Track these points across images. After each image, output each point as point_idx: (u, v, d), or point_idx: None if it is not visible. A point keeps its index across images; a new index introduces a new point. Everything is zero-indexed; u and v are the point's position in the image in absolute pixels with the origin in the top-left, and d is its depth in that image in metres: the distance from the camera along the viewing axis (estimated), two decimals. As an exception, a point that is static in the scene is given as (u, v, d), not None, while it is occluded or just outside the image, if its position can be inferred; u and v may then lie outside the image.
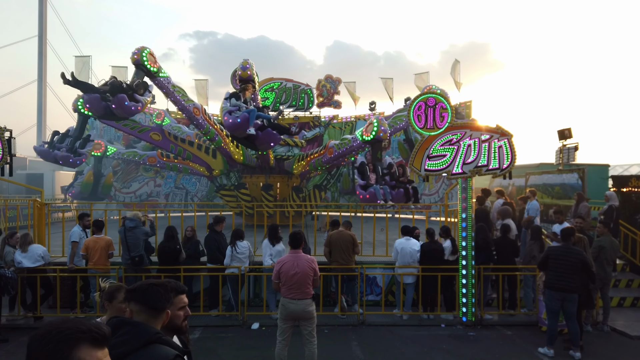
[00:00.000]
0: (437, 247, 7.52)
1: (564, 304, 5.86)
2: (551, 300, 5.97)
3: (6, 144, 7.39)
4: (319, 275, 5.00)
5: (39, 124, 30.79)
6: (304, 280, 4.80)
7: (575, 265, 5.81)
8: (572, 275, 5.82)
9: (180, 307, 2.23)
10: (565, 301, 5.84)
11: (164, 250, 7.20)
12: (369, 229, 9.65)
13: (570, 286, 5.82)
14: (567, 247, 6.03)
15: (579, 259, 5.83)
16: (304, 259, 4.88)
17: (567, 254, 5.92)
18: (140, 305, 2.03)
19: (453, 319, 7.23)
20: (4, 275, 6.50)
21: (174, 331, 2.21)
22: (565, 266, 5.86)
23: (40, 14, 30.17)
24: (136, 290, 2.07)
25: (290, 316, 4.84)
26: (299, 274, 4.78)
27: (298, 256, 4.89)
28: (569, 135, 12.28)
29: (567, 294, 5.83)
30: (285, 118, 18.99)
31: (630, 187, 9.71)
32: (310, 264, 4.88)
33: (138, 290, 2.06)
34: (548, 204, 11.52)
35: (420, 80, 18.31)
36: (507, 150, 6.73)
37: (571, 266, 5.82)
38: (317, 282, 4.97)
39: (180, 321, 2.21)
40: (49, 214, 9.24)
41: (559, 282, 5.87)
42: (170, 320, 2.13)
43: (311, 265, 4.87)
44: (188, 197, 18.55)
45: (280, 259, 5.05)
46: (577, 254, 5.90)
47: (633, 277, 8.88)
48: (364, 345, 6.25)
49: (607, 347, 6.30)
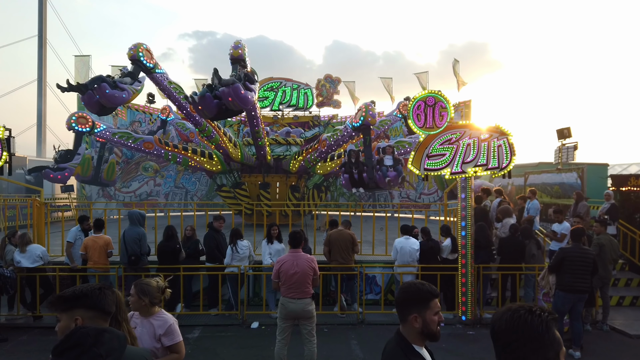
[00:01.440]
0: (435, 245, 7.54)
1: (575, 305, 5.84)
2: (564, 302, 5.82)
3: (6, 143, 7.39)
4: (318, 274, 4.99)
5: (38, 124, 30.77)
6: (303, 280, 4.80)
7: (590, 266, 5.80)
8: (588, 276, 5.80)
9: (436, 311, 2.08)
10: (578, 302, 5.83)
11: (163, 250, 7.20)
12: (369, 228, 9.66)
13: (586, 287, 5.81)
14: (581, 248, 5.94)
15: (593, 259, 5.83)
16: (304, 259, 4.88)
17: (583, 255, 5.84)
18: (95, 311, 1.90)
19: (452, 318, 7.24)
20: (3, 274, 6.51)
21: (429, 337, 2.06)
22: (582, 267, 5.78)
23: (40, 14, 30.13)
24: (86, 295, 1.91)
25: (290, 315, 4.85)
26: (299, 273, 4.78)
27: (298, 255, 4.89)
28: (568, 134, 12.30)
29: (583, 295, 5.82)
30: (285, 117, 19.02)
31: (630, 187, 9.72)
32: (310, 263, 4.87)
33: (90, 296, 1.91)
34: (547, 203, 11.53)
35: (420, 80, 18.31)
36: (506, 149, 6.73)
37: (587, 267, 5.79)
38: (316, 281, 4.96)
39: (435, 327, 2.06)
40: (49, 214, 9.24)
41: (577, 283, 5.75)
42: (425, 325, 2.01)
43: (311, 264, 4.87)
44: (188, 197, 18.55)
45: (280, 258, 5.04)
46: (592, 254, 5.89)
47: (632, 276, 8.88)
48: (364, 344, 6.26)
49: (607, 346, 6.31)
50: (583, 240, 6.14)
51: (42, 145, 29.87)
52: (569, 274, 5.76)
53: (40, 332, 6.80)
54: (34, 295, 7.18)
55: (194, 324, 7.04)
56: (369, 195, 19.02)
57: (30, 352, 5.98)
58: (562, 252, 6.05)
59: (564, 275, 5.81)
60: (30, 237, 7.30)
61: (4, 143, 7.26)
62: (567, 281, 5.78)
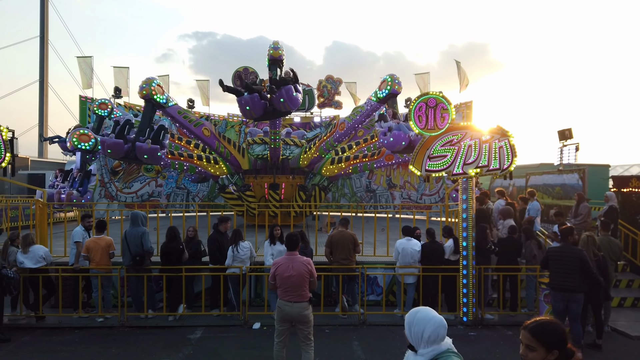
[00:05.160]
0: (438, 248, 7.54)
1: (569, 305, 5.86)
2: (556, 300, 5.97)
3: (8, 144, 7.42)
4: (315, 277, 4.90)
5: (40, 124, 30.87)
6: (299, 283, 4.74)
7: (574, 265, 5.79)
8: (572, 275, 5.80)
9: None
10: (570, 302, 5.84)
11: (167, 251, 7.23)
12: (370, 229, 9.67)
13: (571, 286, 5.81)
14: (565, 247, 6.04)
15: (578, 258, 5.80)
16: (300, 261, 4.80)
17: (565, 254, 5.93)
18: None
19: (454, 319, 7.25)
20: (6, 275, 6.54)
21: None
22: (564, 266, 5.86)
23: (41, 15, 30.25)
24: None
25: (286, 318, 4.80)
26: (295, 276, 4.71)
27: (294, 258, 4.83)
28: (569, 135, 12.31)
29: (570, 294, 5.82)
30: (285, 118, 19.04)
31: (631, 188, 9.72)
32: (307, 266, 4.80)
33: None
34: (548, 205, 11.54)
35: (420, 81, 18.31)
36: (507, 150, 6.74)
37: (570, 266, 5.81)
38: (314, 284, 4.89)
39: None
40: (51, 214, 9.27)
41: (560, 282, 5.89)
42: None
43: (307, 267, 4.79)
44: (189, 198, 18.58)
45: (276, 260, 4.97)
46: (576, 253, 5.87)
47: (634, 278, 8.89)
48: (365, 345, 6.26)
49: (608, 347, 6.30)
50: (572, 240, 6.12)
51: (44, 145, 29.96)
52: (553, 272, 6.04)
53: (43, 332, 6.82)
54: (36, 296, 7.20)
55: (196, 324, 7.07)
56: (370, 196, 19.04)
57: (32, 352, 6.00)
58: (548, 251, 6.44)
59: (550, 273, 6.13)
60: (33, 238, 7.32)
61: (7, 144, 7.29)
62: (551, 279, 6.08)
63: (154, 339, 6.53)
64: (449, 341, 2.27)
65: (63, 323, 7.09)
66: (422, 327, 2.22)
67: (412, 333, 2.25)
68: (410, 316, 2.29)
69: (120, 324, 7.07)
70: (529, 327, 2.04)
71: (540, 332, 2.00)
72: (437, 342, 2.22)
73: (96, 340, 6.44)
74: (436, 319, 2.24)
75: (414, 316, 2.28)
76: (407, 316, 2.30)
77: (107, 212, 9.39)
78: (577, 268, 5.79)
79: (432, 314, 2.27)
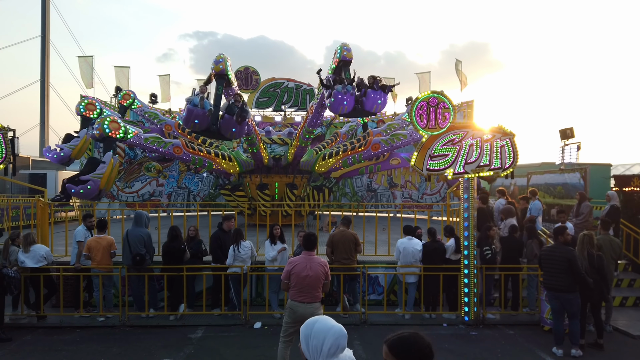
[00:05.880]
0: (439, 247, 7.53)
1: (563, 304, 5.85)
2: (550, 299, 6.06)
3: (9, 143, 7.43)
4: (330, 279, 4.88)
5: (41, 124, 30.90)
6: (315, 284, 4.70)
7: (562, 264, 5.75)
8: (561, 274, 5.76)
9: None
10: (562, 301, 5.83)
11: (168, 250, 7.23)
12: (371, 229, 9.66)
13: (560, 286, 5.78)
14: (556, 246, 6.04)
15: (565, 258, 5.73)
16: (317, 262, 4.77)
17: (555, 253, 5.91)
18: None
19: (455, 319, 7.23)
20: (7, 274, 6.54)
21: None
22: (554, 265, 5.85)
23: (42, 15, 30.26)
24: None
25: (298, 319, 4.72)
26: (311, 276, 4.67)
27: (311, 258, 4.79)
28: (571, 134, 12.26)
29: (561, 294, 5.80)
30: (287, 118, 19.02)
31: (633, 187, 9.70)
32: (323, 267, 4.77)
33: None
34: (550, 204, 11.51)
35: (422, 80, 18.29)
36: (509, 149, 6.73)
37: (559, 265, 5.78)
38: (327, 286, 4.86)
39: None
40: (52, 214, 9.27)
41: (551, 281, 5.92)
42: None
43: (324, 269, 4.77)
44: (190, 197, 18.58)
45: (292, 259, 4.94)
46: (563, 253, 5.80)
47: (635, 277, 8.86)
48: (366, 344, 6.27)
49: (610, 347, 6.28)
50: (562, 239, 6.04)
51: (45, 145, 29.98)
52: (545, 271, 6.09)
53: (44, 332, 6.82)
54: (37, 295, 7.20)
55: (197, 324, 7.07)
56: (372, 196, 19.03)
57: (34, 352, 6.01)
58: (541, 251, 6.55)
59: (543, 273, 6.20)
60: (34, 237, 7.32)
61: (9, 144, 7.30)
62: (544, 278, 6.15)
63: (155, 338, 6.53)
64: (349, 353, 2.07)
65: (64, 322, 7.10)
66: (321, 339, 1.98)
67: (310, 347, 1.98)
68: (307, 328, 2.02)
69: (121, 323, 7.07)
70: (388, 341, 1.85)
71: (398, 347, 1.82)
72: (337, 354, 1.99)
73: (97, 340, 6.44)
74: (336, 328, 2.01)
75: (311, 328, 2.02)
76: (303, 328, 2.04)
77: (109, 212, 9.38)
78: (566, 268, 5.74)
79: (331, 323, 2.04)
